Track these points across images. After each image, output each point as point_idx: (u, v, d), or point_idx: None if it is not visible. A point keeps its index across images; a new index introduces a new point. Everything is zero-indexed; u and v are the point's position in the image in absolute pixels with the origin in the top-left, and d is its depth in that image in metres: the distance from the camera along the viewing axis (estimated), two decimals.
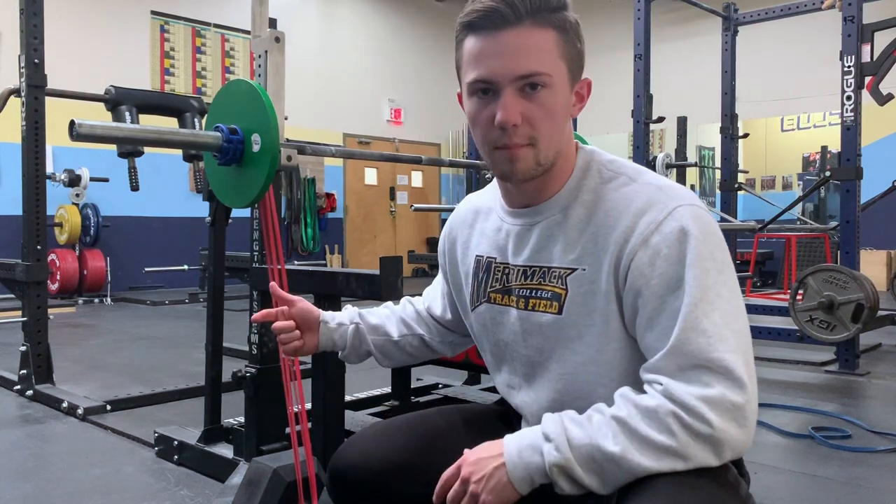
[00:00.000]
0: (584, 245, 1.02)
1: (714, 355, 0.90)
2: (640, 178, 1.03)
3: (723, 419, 0.88)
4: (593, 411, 0.94)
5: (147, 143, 2.03)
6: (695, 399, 0.88)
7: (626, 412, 0.91)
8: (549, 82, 0.98)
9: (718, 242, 0.97)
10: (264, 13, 1.90)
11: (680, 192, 1.00)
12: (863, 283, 3.52)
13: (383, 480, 1.11)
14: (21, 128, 3.21)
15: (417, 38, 11.35)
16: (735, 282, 0.97)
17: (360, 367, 3.47)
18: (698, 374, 0.90)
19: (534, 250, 1.07)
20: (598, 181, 1.05)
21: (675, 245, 0.94)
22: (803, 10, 4.80)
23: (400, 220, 11.12)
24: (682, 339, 0.91)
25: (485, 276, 1.16)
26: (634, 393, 0.94)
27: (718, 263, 0.95)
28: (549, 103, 0.99)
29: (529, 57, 0.97)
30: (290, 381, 1.52)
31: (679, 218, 0.96)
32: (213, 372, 2.32)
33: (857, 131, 3.68)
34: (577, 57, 1.02)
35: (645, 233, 0.96)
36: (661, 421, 0.88)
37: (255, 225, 2.09)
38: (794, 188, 10.89)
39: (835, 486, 2.14)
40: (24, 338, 3.24)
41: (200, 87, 8.84)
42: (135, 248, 8.11)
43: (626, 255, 0.97)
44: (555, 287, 1.04)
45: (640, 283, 0.96)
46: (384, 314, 1.33)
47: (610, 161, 1.07)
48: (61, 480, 2.19)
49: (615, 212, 1.00)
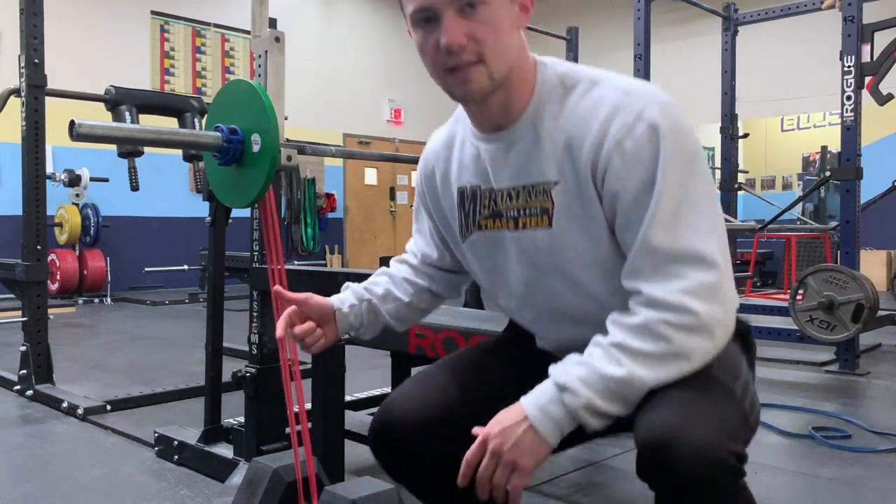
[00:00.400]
0: (561, 157, 1.04)
1: (685, 244, 0.95)
2: (603, 81, 1.04)
3: (706, 303, 0.94)
4: (592, 346, 0.99)
5: (147, 143, 2.03)
6: (676, 294, 0.94)
7: (621, 336, 0.96)
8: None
9: (688, 134, 1.00)
10: (264, 13, 1.90)
11: (645, 90, 1.02)
12: (863, 283, 3.52)
13: (423, 430, 1.12)
14: (21, 128, 3.21)
15: None
16: (704, 169, 1.01)
17: (360, 367, 3.47)
18: (674, 268, 0.95)
19: (514, 171, 1.09)
20: (561, 92, 1.06)
21: (647, 146, 0.97)
22: (803, 10, 4.80)
23: (400, 220, 11.13)
24: (651, 237, 0.96)
25: (471, 205, 1.17)
26: (622, 315, 0.98)
27: (688, 155, 0.98)
28: (490, 18, 1.00)
29: None
30: (290, 381, 1.52)
31: (648, 118, 0.98)
32: (213, 372, 2.32)
33: (857, 131, 3.68)
34: None
35: (617, 137, 0.98)
36: (652, 332, 0.94)
37: (255, 225, 2.09)
38: (794, 188, 10.90)
39: (835, 486, 2.14)
40: (24, 338, 3.24)
41: (200, 87, 8.84)
42: (135, 248, 8.11)
43: (602, 160, 1.00)
44: (542, 202, 1.07)
45: (618, 187, 0.99)
46: (385, 282, 1.31)
47: (570, 69, 1.08)
48: (61, 480, 2.19)
49: (584, 121, 1.02)
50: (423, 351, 2.07)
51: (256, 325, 2.08)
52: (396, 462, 1.17)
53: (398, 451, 1.15)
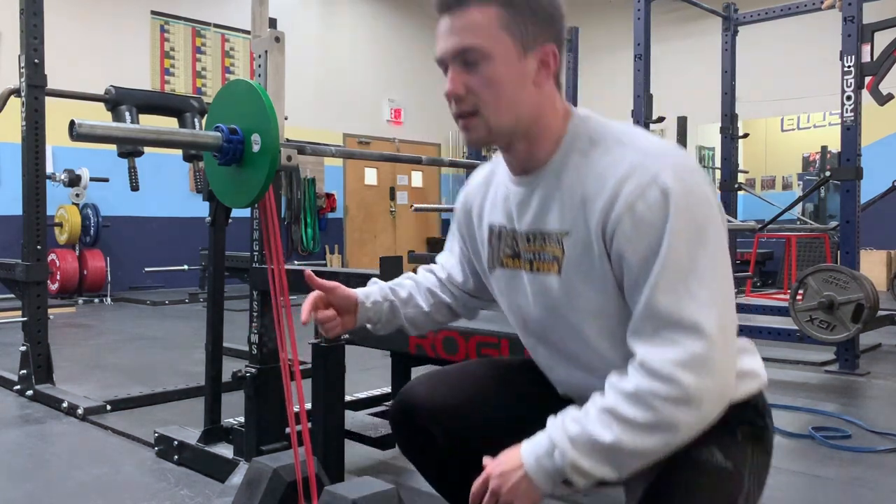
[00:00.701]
0: (576, 210, 1.07)
1: (684, 313, 0.97)
2: (628, 140, 1.06)
3: (695, 375, 0.95)
4: (590, 403, 1.02)
5: (147, 143, 2.03)
6: (667, 364, 0.96)
7: (613, 400, 0.99)
8: (486, 55, 1.04)
9: (702, 201, 1.01)
10: (264, 13, 1.90)
11: (664, 152, 1.03)
12: (863, 283, 3.52)
13: (440, 417, 1.26)
14: (21, 128, 3.21)
15: (417, 38, 11.35)
16: (718, 237, 1.01)
17: (361, 367, 3.47)
18: (670, 334, 0.97)
19: (534, 216, 1.13)
20: (587, 145, 1.08)
21: (657, 211, 0.98)
22: (803, 10, 4.80)
23: (400, 220, 11.12)
24: (654, 301, 0.98)
25: (497, 242, 1.22)
26: (619, 378, 1.01)
27: (699, 223, 0.99)
28: (490, 74, 1.04)
29: (465, 34, 1.04)
30: (290, 381, 1.52)
31: (662, 183, 0.99)
32: (213, 372, 2.32)
33: (857, 131, 3.68)
34: (530, 27, 1.04)
35: (629, 199, 1.00)
36: (641, 400, 0.96)
37: (255, 225, 2.09)
38: (794, 188, 10.89)
39: (835, 486, 2.14)
40: (24, 338, 3.24)
41: (200, 87, 8.84)
42: (135, 248, 8.11)
43: (612, 221, 1.01)
44: (554, 250, 1.10)
45: (627, 249, 1.01)
46: (411, 286, 1.38)
47: (602, 126, 1.10)
48: (61, 480, 2.19)
49: (601, 178, 1.04)
50: (423, 351, 2.07)
51: (256, 325, 2.08)
52: (410, 440, 1.32)
53: (413, 430, 1.29)
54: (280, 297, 1.51)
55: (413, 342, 2.10)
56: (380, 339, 2.25)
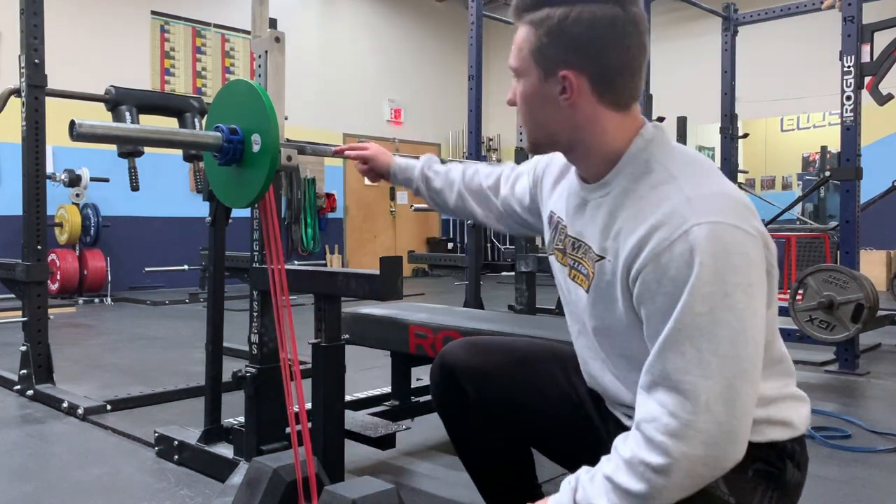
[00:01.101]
0: (613, 237, 1.07)
1: (685, 378, 0.94)
2: (681, 177, 1.04)
3: (684, 445, 0.93)
4: (599, 464, 1.03)
5: (147, 143, 2.03)
6: (659, 434, 0.94)
7: (612, 466, 0.99)
8: (519, 74, 1.12)
9: (737, 264, 0.95)
10: (264, 13, 1.90)
11: (708, 205, 0.99)
12: (863, 283, 3.52)
13: (478, 378, 1.35)
14: (21, 128, 3.21)
15: (417, 38, 11.35)
16: (748, 303, 0.96)
17: (360, 367, 3.46)
18: (665, 396, 0.96)
19: (582, 225, 1.16)
20: (640, 171, 1.08)
21: (682, 268, 0.95)
22: (803, 10, 4.80)
23: (400, 220, 11.13)
24: (661, 358, 0.97)
25: (553, 231, 1.26)
26: (623, 441, 1.00)
27: (728, 286, 0.94)
28: (521, 90, 1.13)
29: (512, 53, 1.13)
30: (290, 381, 1.53)
31: (692, 239, 0.95)
32: (213, 372, 2.32)
33: (857, 131, 3.68)
34: (550, 51, 1.07)
35: (657, 249, 0.98)
36: (635, 470, 0.96)
37: (255, 225, 2.09)
38: (793, 188, 10.89)
39: (835, 486, 2.14)
40: (24, 338, 3.24)
41: (200, 87, 8.84)
42: (135, 248, 8.11)
43: (637, 266, 1.01)
44: (589, 266, 1.13)
45: (646, 297, 1.00)
46: (448, 183, 1.58)
47: (663, 152, 1.09)
48: (61, 480, 2.19)
49: (641, 214, 1.03)
50: (423, 351, 2.07)
51: (256, 325, 2.08)
52: (446, 395, 1.40)
53: (450, 388, 1.38)
54: (280, 296, 1.51)
55: (413, 342, 2.10)
56: (380, 340, 2.26)
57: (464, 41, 5.13)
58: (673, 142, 1.11)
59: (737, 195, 1.03)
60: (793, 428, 1.10)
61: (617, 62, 1.06)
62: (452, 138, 11.60)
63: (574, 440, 1.32)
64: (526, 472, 1.43)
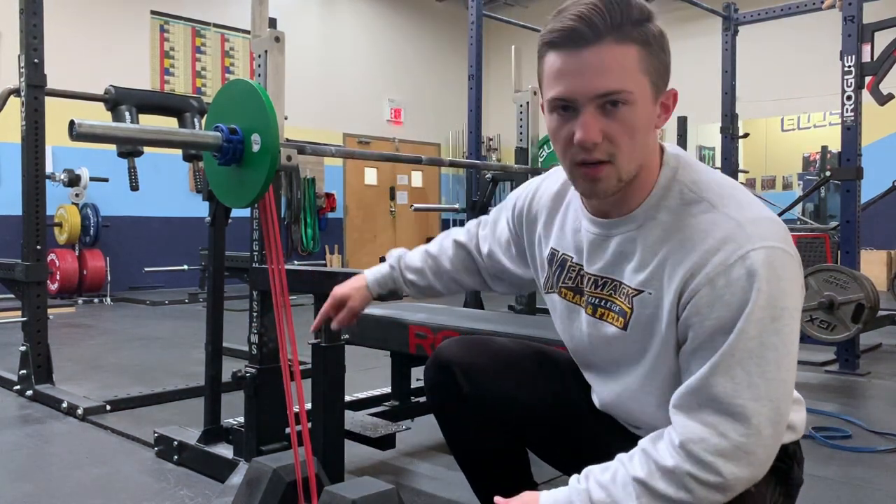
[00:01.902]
0: (654, 269, 1.04)
1: (737, 401, 0.94)
2: (723, 205, 1.01)
3: (735, 466, 0.94)
4: (618, 464, 1.00)
5: (147, 143, 2.03)
6: (710, 454, 0.93)
7: (646, 471, 0.96)
8: (630, 99, 0.98)
9: (786, 289, 0.96)
10: (264, 13, 1.90)
11: (759, 229, 0.98)
12: (863, 283, 3.52)
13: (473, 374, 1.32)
14: (21, 128, 3.21)
15: (417, 38, 11.35)
16: (794, 327, 0.97)
17: (361, 367, 3.47)
18: (715, 418, 0.94)
19: (608, 263, 1.11)
20: (678, 202, 1.04)
21: (739, 293, 0.95)
22: (803, 10, 4.79)
23: (400, 220, 11.12)
24: (709, 382, 0.95)
25: (558, 269, 1.21)
26: (655, 448, 0.98)
27: (777, 311, 0.94)
28: (629, 120, 0.98)
29: (609, 75, 0.96)
30: (290, 381, 1.52)
31: (750, 264, 0.95)
32: (212, 372, 2.32)
33: (857, 131, 3.68)
34: (662, 69, 1.01)
35: (712, 273, 0.97)
36: (678, 480, 0.94)
37: (255, 225, 2.09)
38: (794, 188, 10.89)
39: (835, 486, 2.14)
40: (24, 338, 3.24)
41: (200, 87, 8.84)
42: (135, 248, 8.11)
43: (690, 290, 0.99)
44: (623, 304, 1.08)
45: (695, 321, 0.98)
46: (433, 276, 1.48)
47: (693, 181, 1.05)
48: (61, 480, 2.19)
49: (689, 243, 1.00)
50: (423, 351, 2.07)
51: (256, 325, 2.08)
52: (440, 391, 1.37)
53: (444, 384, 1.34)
54: (280, 296, 1.51)
55: (413, 342, 2.10)
56: (380, 340, 2.26)
57: (464, 41, 5.13)
58: (696, 163, 1.09)
59: (776, 218, 1.03)
60: (795, 432, 1.13)
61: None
62: (452, 138, 11.60)
63: (567, 440, 1.32)
64: (521, 471, 1.42)
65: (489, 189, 3.46)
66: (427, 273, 1.47)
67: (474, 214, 3.76)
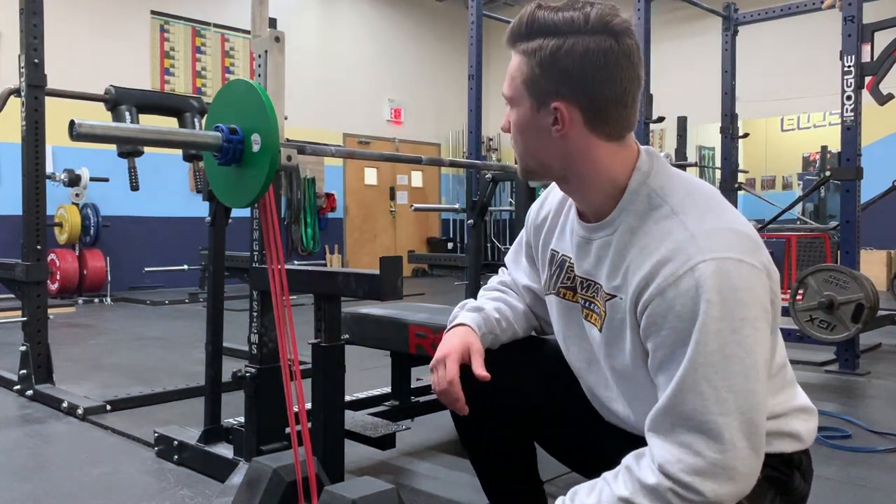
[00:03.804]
0: (622, 275, 1.08)
1: (707, 418, 0.95)
2: (683, 213, 1.04)
3: (713, 483, 0.94)
4: (604, 483, 1.02)
5: (147, 143, 2.03)
6: (687, 475, 0.94)
7: (630, 490, 0.98)
8: (512, 103, 1.12)
9: (744, 299, 0.97)
10: (264, 13, 1.90)
11: (712, 241, 0.99)
12: (863, 283, 3.52)
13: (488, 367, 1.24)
14: (21, 128, 3.21)
15: (418, 37, 11.35)
16: (756, 336, 0.97)
17: (360, 367, 3.46)
18: (689, 440, 0.96)
19: (590, 265, 1.16)
20: (646, 206, 1.08)
21: (688, 304, 0.97)
22: (803, 10, 4.79)
23: (400, 220, 11.12)
24: (678, 400, 0.97)
25: (557, 270, 1.24)
26: (638, 465, 1.00)
27: (737, 322, 0.95)
28: (513, 120, 1.13)
29: (506, 81, 1.12)
30: (290, 381, 1.52)
31: (698, 276, 0.97)
32: (212, 372, 2.32)
33: (857, 131, 3.68)
34: (542, 82, 1.07)
35: (663, 284, 1.00)
36: (661, 498, 0.96)
37: (255, 225, 2.09)
38: (794, 188, 10.90)
39: (835, 486, 2.14)
40: (24, 338, 3.24)
41: (200, 87, 8.84)
42: (135, 248, 8.11)
43: (644, 300, 1.02)
44: (601, 306, 1.14)
45: (652, 331, 1.01)
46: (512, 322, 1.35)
47: (661, 186, 1.09)
48: (61, 480, 2.19)
49: (645, 252, 1.04)
50: (423, 351, 2.07)
51: (256, 325, 2.08)
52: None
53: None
54: (280, 296, 1.51)
55: (413, 342, 2.10)
56: (380, 340, 2.26)
57: (464, 41, 5.13)
58: (670, 169, 1.12)
59: (741, 228, 1.04)
60: (800, 441, 1.12)
61: (610, 94, 1.05)
62: (452, 138, 11.60)
63: (578, 437, 1.33)
64: (529, 466, 1.43)
65: (489, 189, 3.46)
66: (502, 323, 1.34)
67: (474, 214, 3.76)
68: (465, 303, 1.40)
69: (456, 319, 1.33)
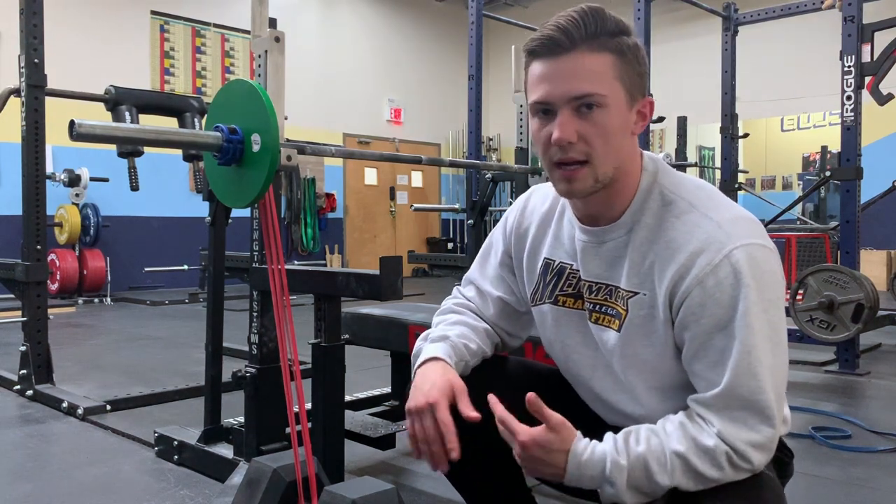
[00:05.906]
0: (646, 271, 1.08)
1: (761, 397, 1.01)
2: (701, 206, 1.07)
3: (762, 455, 1.02)
4: (650, 433, 1.04)
5: (147, 143, 2.03)
6: (744, 444, 1.00)
7: (686, 447, 1.01)
8: (604, 102, 1.04)
9: (771, 282, 1.03)
10: (264, 13, 1.90)
11: (737, 228, 1.04)
12: (863, 283, 3.52)
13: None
14: (21, 128, 3.21)
15: (417, 38, 11.35)
16: (781, 316, 1.05)
17: (360, 367, 3.47)
18: (745, 417, 1.01)
19: (602, 269, 1.15)
20: (660, 204, 1.10)
21: (728, 290, 1.01)
22: (803, 10, 4.79)
23: (400, 220, 11.12)
24: (735, 384, 1.00)
25: (554, 279, 1.22)
26: (693, 425, 1.03)
27: (767, 303, 1.01)
28: (603, 122, 1.04)
29: (583, 79, 1.03)
30: (290, 381, 1.52)
31: (734, 261, 1.01)
32: (213, 372, 2.32)
33: (857, 131, 3.68)
34: (637, 78, 1.07)
35: (700, 274, 1.02)
36: (715, 459, 1.00)
37: (255, 225, 2.09)
38: (794, 188, 10.90)
39: (835, 486, 2.14)
40: (24, 338, 3.24)
41: (200, 87, 8.84)
42: (135, 248, 8.11)
43: (681, 292, 1.04)
44: (618, 307, 1.12)
45: (691, 321, 1.03)
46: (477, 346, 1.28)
47: (672, 183, 1.11)
48: (61, 480, 2.19)
49: (674, 244, 1.06)
50: None
51: (256, 325, 2.08)
52: None
53: None
54: (280, 296, 1.51)
55: (413, 342, 2.10)
56: (380, 340, 2.26)
57: (464, 41, 5.13)
58: (672, 169, 1.15)
59: (750, 215, 1.09)
60: (787, 424, 1.17)
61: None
62: (452, 138, 11.60)
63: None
64: (521, 484, 1.39)
65: (489, 189, 3.46)
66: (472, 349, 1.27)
67: (474, 214, 3.76)
68: (427, 333, 1.30)
69: (423, 354, 1.23)
